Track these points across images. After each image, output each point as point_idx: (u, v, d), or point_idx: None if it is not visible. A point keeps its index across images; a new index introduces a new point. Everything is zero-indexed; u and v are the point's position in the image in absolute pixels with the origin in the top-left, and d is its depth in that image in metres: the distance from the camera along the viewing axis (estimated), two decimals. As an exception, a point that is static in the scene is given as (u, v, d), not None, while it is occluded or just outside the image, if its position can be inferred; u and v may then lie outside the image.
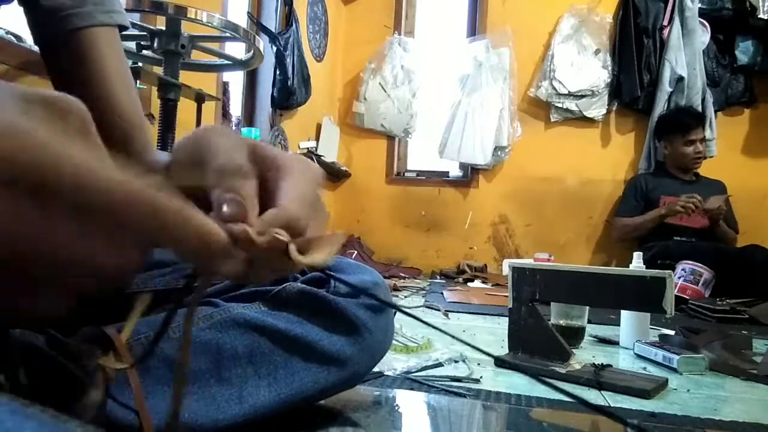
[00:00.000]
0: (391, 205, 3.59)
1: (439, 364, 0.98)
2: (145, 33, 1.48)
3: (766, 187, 3.13)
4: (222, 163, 0.28)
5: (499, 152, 3.35)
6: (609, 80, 3.25)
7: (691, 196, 2.54)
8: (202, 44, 1.58)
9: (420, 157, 3.71)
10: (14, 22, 1.32)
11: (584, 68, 3.26)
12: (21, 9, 0.56)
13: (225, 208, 0.26)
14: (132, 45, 1.53)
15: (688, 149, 2.71)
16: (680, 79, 3.03)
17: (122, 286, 0.24)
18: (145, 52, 1.54)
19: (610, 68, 3.25)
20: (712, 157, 3.00)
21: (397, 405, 0.75)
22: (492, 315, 1.68)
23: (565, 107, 3.30)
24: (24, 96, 0.20)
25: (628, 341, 1.24)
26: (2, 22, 1.35)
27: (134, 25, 1.47)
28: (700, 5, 3.06)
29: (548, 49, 3.34)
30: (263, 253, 0.26)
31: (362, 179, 3.62)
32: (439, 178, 3.58)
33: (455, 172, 3.57)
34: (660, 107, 3.05)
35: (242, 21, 2.57)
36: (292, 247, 0.28)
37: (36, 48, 1.35)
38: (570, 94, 3.27)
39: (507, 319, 1.06)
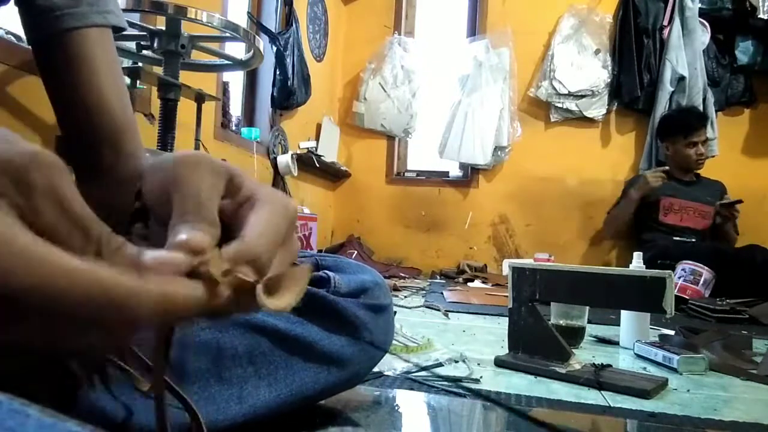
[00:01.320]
0: (391, 205, 3.59)
1: (439, 364, 0.98)
2: (145, 33, 1.48)
3: (766, 187, 3.14)
4: (187, 211, 0.26)
5: (499, 152, 3.36)
6: (609, 80, 3.26)
7: (658, 170, 2.62)
8: (202, 44, 1.58)
9: (420, 157, 3.71)
10: (14, 22, 1.32)
11: (584, 68, 3.26)
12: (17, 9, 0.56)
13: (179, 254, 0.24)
14: (132, 45, 1.53)
15: (690, 151, 2.71)
16: (681, 78, 3.03)
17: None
18: (145, 52, 1.54)
19: (610, 68, 3.26)
20: (713, 156, 3.00)
21: (397, 405, 0.75)
22: (492, 315, 1.68)
23: (565, 107, 3.30)
24: None
25: (628, 341, 1.24)
26: (2, 22, 1.35)
27: (134, 25, 1.47)
28: (700, 5, 3.06)
29: (548, 49, 3.34)
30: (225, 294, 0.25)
31: (362, 179, 3.62)
32: (439, 178, 3.58)
33: (455, 172, 3.57)
34: (661, 107, 3.05)
35: (242, 21, 2.57)
36: (259, 289, 0.26)
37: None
38: (570, 94, 3.28)
39: (507, 319, 1.06)
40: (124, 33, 0.60)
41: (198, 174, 0.28)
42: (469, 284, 2.73)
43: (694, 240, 2.61)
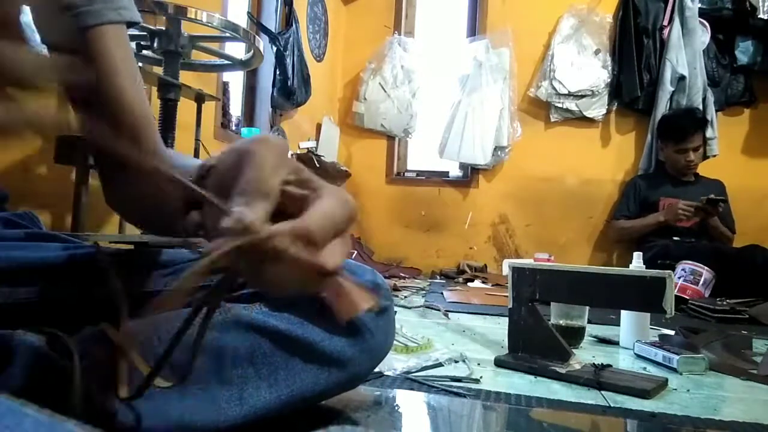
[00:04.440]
0: (391, 205, 3.59)
1: (439, 364, 0.98)
2: (145, 33, 1.48)
3: (766, 187, 3.13)
4: (249, 178, 0.30)
5: (499, 152, 3.35)
6: (609, 80, 3.25)
7: (690, 205, 2.55)
8: (202, 44, 1.58)
9: (420, 157, 3.71)
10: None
11: (584, 68, 3.26)
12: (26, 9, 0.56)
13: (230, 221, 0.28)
14: (132, 45, 1.53)
15: (679, 157, 2.73)
16: (681, 78, 3.03)
17: None
18: (145, 52, 1.54)
19: (610, 68, 3.26)
20: (714, 156, 3.00)
21: (397, 405, 0.75)
22: (492, 315, 1.68)
23: (565, 107, 3.30)
24: None
25: (628, 341, 1.24)
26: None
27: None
28: (700, 5, 3.06)
29: (548, 49, 3.34)
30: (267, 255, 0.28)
31: (362, 179, 3.62)
32: (439, 178, 3.58)
33: (455, 172, 3.57)
34: (662, 107, 3.05)
35: (242, 21, 2.57)
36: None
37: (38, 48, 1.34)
38: (570, 94, 3.27)
39: (507, 319, 1.06)
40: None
41: (265, 149, 0.31)
42: (469, 284, 2.73)
43: (694, 240, 2.61)
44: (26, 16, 0.53)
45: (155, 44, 1.46)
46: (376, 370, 0.80)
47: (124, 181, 0.54)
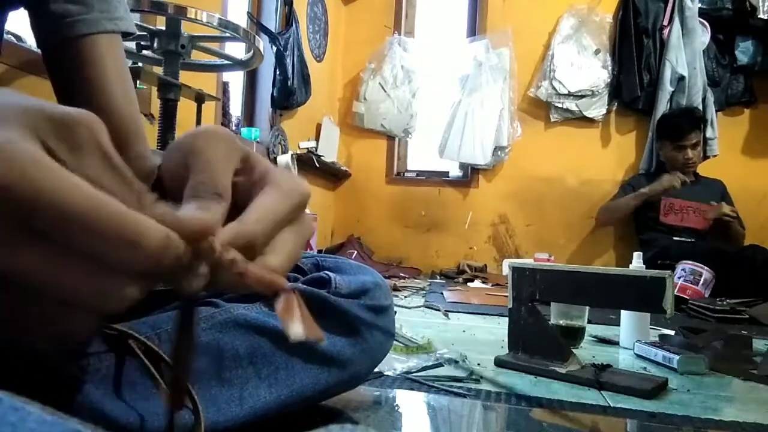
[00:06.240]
0: (391, 205, 3.59)
1: (439, 364, 0.98)
2: (145, 33, 1.48)
3: (766, 187, 3.14)
4: (201, 180, 0.27)
5: (499, 152, 3.36)
6: (609, 80, 3.26)
7: (675, 175, 2.63)
8: (202, 44, 1.58)
9: (420, 157, 3.71)
10: (14, 22, 1.32)
11: (584, 68, 3.26)
12: (25, 12, 0.57)
13: (189, 222, 0.25)
14: (132, 45, 1.53)
15: (677, 154, 2.74)
16: (681, 78, 3.04)
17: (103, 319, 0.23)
18: (145, 52, 1.54)
19: (610, 68, 3.26)
20: (715, 156, 3.01)
21: (397, 405, 0.75)
22: (492, 315, 1.68)
23: (565, 107, 3.30)
24: (27, 111, 0.21)
25: (628, 341, 1.24)
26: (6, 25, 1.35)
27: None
28: (700, 5, 3.06)
29: (548, 49, 3.34)
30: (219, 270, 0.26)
31: (362, 179, 3.62)
32: (439, 178, 3.58)
33: (455, 172, 3.57)
34: (662, 107, 3.05)
35: (242, 21, 2.57)
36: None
37: (36, 48, 1.33)
38: (570, 94, 3.27)
39: (507, 319, 1.06)
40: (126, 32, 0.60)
41: (213, 145, 0.28)
42: (469, 284, 2.73)
43: (694, 240, 2.61)
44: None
45: (155, 44, 1.46)
46: (376, 370, 0.80)
47: None
